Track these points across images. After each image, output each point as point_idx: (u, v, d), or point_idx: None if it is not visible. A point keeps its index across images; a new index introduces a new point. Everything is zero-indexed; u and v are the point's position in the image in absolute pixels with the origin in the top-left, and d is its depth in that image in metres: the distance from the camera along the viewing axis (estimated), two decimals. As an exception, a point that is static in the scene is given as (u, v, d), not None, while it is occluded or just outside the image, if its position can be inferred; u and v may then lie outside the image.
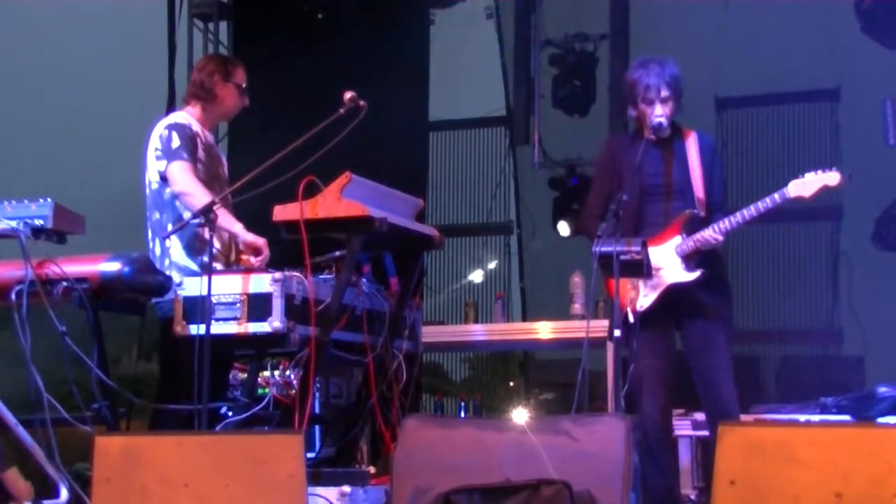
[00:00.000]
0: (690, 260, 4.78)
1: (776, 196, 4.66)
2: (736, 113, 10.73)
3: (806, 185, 4.64)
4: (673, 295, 4.79)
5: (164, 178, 4.81)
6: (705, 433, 5.51)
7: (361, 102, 4.60)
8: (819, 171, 4.64)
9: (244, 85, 5.06)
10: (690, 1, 9.74)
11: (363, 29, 8.73)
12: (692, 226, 4.80)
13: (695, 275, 4.77)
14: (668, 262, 4.76)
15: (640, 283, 4.78)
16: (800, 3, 9.38)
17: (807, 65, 9.70)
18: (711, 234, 4.72)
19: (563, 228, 9.42)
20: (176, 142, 4.79)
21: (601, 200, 4.96)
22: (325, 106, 4.70)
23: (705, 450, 5.63)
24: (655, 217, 4.86)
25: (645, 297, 4.78)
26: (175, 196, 4.76)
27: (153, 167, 4.84)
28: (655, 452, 4.70)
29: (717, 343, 4.80)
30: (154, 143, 4.84)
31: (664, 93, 4.82)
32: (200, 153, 4.87)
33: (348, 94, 4.61)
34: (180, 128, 4.85)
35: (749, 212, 4.69)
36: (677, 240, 4.80)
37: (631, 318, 4.69)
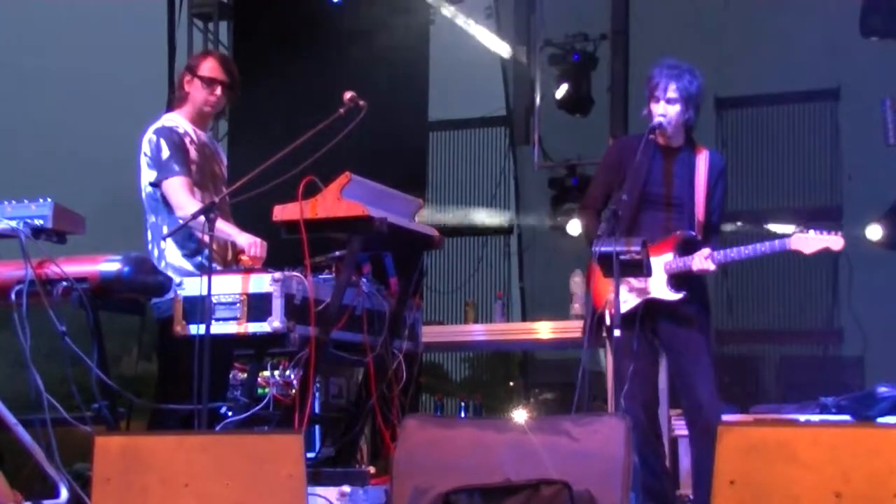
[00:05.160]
0: (676, 279, 4.78)
1: (776, 243, 4.71)
2: (736, 113, 10.76)
3: (808, 242, 4.69)
4: (652, 306, 4.79)
5: (154, 185, 4.80)
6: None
7: (361, 102, 4.59)
8: (824, 232, 4.69)
9: (211, 76, 4.91)
10: (690, 1, 9.76)
11: (363, 29, 8.73)
12: (686, 246, 4.79)
13: (678, 296, 4.76)
14: (655, 277, 4.75)
15: (622, 289, 4.77)
16: (800, 3, 9.40)
17: (807, 65, 9.72)
18: (706, 265, 4.71)
19: (573, 227, 9.38)
20: (165, 151, 4.76)
21: (600, 195, 4.97)
22: (325, 106, 4.69)
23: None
24: (652, 225, 4.83)
25: (623, 303, 4.76)
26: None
27: (145, 174, 4.84)
28: (642, 451, 4.67)
29: (697, 347, 4.79)
30: (144, 148, 4.83)
31: (671, 93, 4.78)
32: (193, 154, 4.85)
33: (348, 94, 4.61)
34: (168, 133, 4.82)
35: (746, 251, 4.72)
36: (668, 257, 4.78)
37: (607, 321, 4.69)
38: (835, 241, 4.67)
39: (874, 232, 8.70)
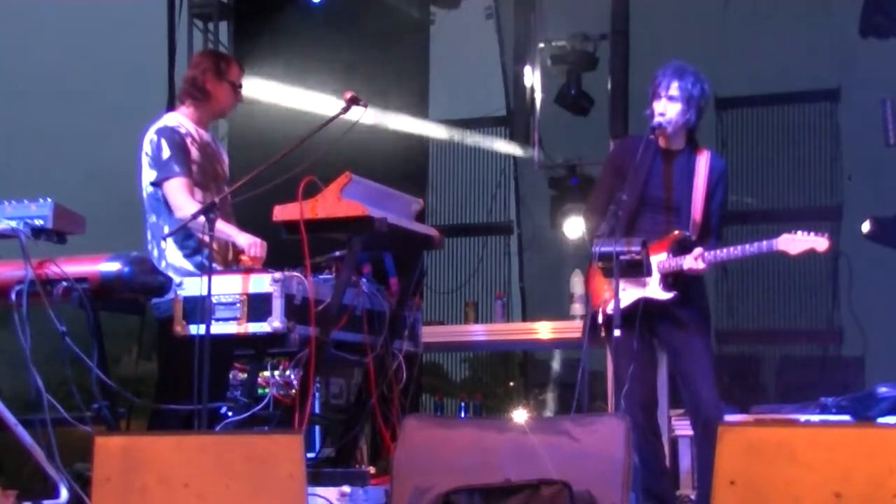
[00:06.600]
0: (669, 279, 4.78)
1: (763, 244, 4.73)
2: (736, 113, 10.74)
3: (795, 243, 4.71)
4: (648, 307, 4.79)
5: (155, 185, 4.80)
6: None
7: (361, 102, 4.60)
8: (811, 234, 4.71)
9: (239, 82, 5.02)
10: (690, 1, 9.75)
11: (363, 29, 8.72)
12: (680, 246, 4.80)
13: (669, 296, 4.77)
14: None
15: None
16: (800, 3, 9.39)
17: (807, 65, 9.71)
18: (696, 264, 4.71)
19: (570, 229, 9.36)
20: (166, 152, 4.77)
21: (605, 198, 4.95)
22: (325, 105, 4.69)
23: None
24: (651, 227, 4.83)
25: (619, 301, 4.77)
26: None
27: (146, 174, 4.84)
28: (642, 451, 4.66)
29: (697, 348, 4.79)
30: (146, 148, 4.84)
31: (673, 91, 4.78)
32: (194, 154, 4.86)
33: (348, 94, 4.61)
34: (169, 133, 4.82)
35: (736, 251, 4.74)
36: (662, 256, 4.78)
37: (600, 319, 4.72)
38: (820, 243, 4.69)
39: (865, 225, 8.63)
